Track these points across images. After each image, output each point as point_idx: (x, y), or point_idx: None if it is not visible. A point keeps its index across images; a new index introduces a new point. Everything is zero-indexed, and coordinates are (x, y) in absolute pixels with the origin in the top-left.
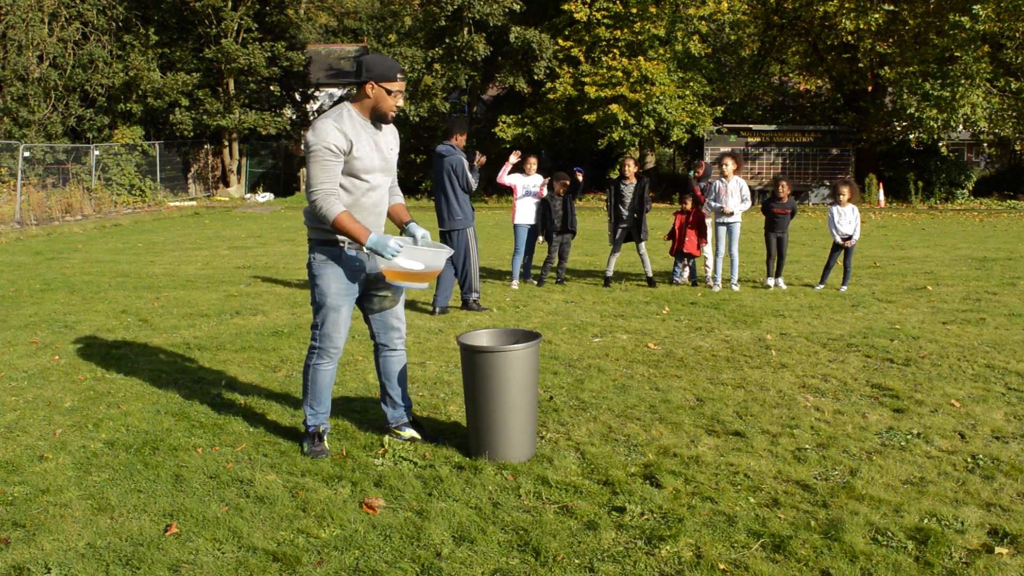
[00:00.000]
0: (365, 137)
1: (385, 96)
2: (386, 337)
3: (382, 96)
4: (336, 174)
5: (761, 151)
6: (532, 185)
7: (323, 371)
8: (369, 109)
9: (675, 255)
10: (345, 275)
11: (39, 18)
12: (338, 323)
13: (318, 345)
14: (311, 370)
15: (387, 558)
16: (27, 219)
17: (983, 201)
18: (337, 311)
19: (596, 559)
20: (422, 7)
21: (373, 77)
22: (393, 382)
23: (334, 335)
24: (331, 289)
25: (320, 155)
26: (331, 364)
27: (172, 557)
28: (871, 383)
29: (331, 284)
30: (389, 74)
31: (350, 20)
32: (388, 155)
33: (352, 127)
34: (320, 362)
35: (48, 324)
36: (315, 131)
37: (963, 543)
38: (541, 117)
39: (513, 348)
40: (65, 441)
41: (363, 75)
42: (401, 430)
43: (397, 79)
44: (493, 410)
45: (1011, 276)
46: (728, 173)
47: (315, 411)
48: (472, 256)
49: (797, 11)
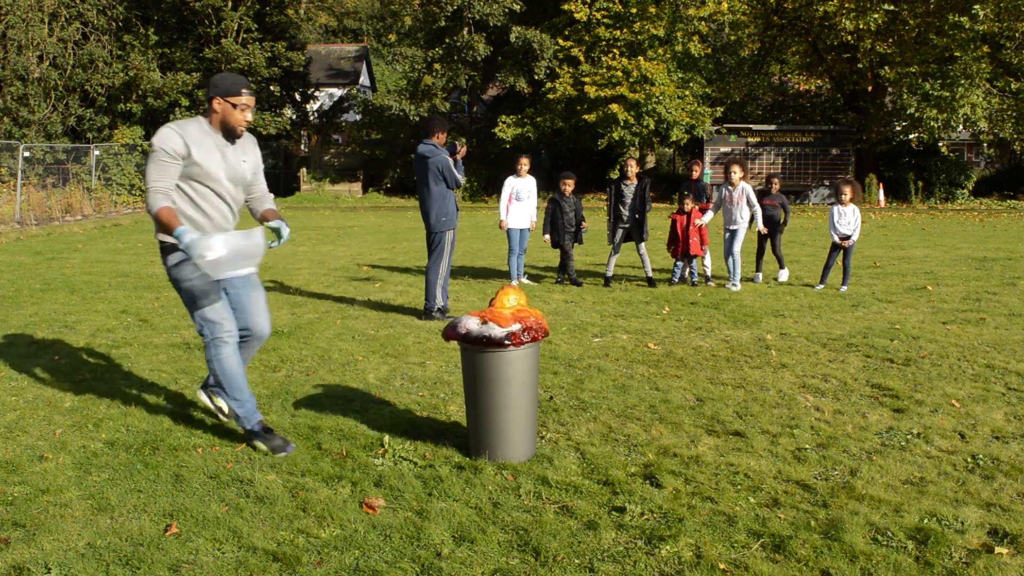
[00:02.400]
0: (210, 145)
1: (231, 110)
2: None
3: (228, 111)
4: (170, 175)
5: (761, 151)
6: (526, 190)
7: (226, 359)
8: (219, 123)
9: (678, 256)
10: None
11: (39, 18)
12: (218, 309)
13: (211, 335)
14: (216, 364)
15: (387, 558)
16: (27, 219)
17: (983, 201)
18: (207, 296)
19: (596, 559)
20: (422, 7)
21: (219, 93)
22: None
23: (221, 321)
24: (195, 282)
25: (157, 156)
26: (230, 349)
27: (172, 557)
28: (871, 383)
29: (195, 280)
30: (233, 89)
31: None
32: (239, 167)
33: (196, 134)
34: (219, 352)
35: (48, 324)
36: (157, 135)
37: (963, 543)
38: (541, 117)
39: (513, 348)
40: (65, 441)
41: (210, 91)
42: (216, 395)
43: (242, 94)
44: (493, 410)
45: (1011, 276)
46: (735, 181)
47: (240, 402)
48: (445, 261)
49: (797, 11)
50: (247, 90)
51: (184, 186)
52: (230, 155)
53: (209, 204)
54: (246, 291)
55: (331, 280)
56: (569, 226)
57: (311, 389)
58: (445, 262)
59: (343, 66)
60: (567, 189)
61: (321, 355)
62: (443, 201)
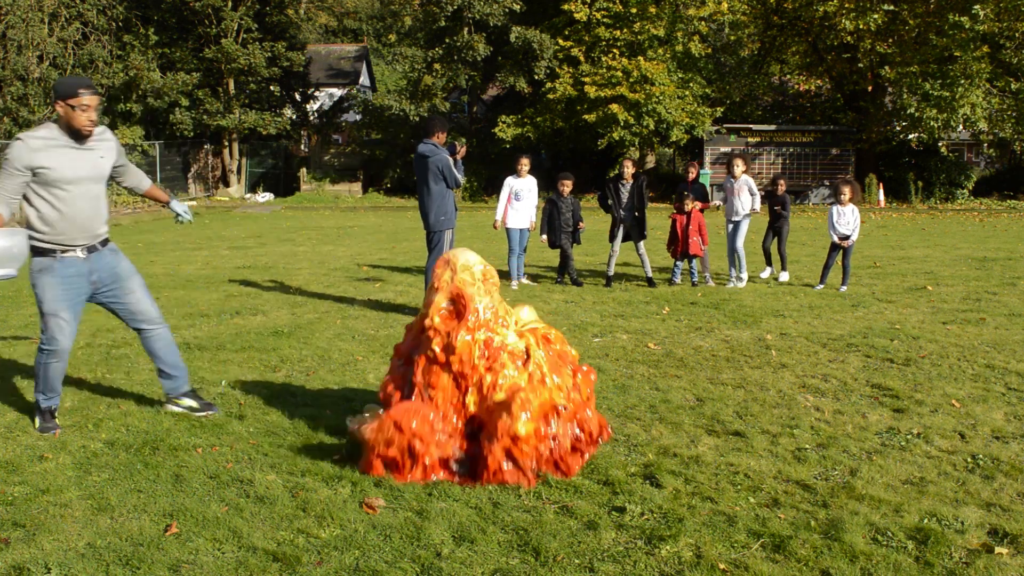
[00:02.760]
0: (61, 151)
1: (72, 112)
2: (136, 324)
3: (70, 113)
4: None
5: (761, 151)
6: (526, 190)
7: (53, 366)
8: (65, 127)
9: (678, 256)
10: (60, 283)
11: (39, 18)
12: (61, 326)
13: (46, 347)
14: (42, 367)
15: (387, 558)
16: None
17: (983, 201)
18: (56, 316)
19: (596, 559)
20: (422, 7)
21: (58, 96)
22: (160, 357)
23: (59, 337)
24: (47, 296)
25: (5, 169)
26: (59, 360)
27: (172, 557)
28: (871, 383)
29: (47, 291)
30: (70, 91)
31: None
32: (97, 162)
33: (45, 145)
34: (49, 360)
35: None
36: (9, 147)
37: (963, 543)
38: (541, 117)
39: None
40: (65, 441)
41: (53, 96)
42: (179, 399)
43: (79, 94)
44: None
45: (1011, 276)
46: (737, 173)
47: (48, 396)
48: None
49: (797, 11)
50: (86, 90)
51: (43, 192)
52: (86, 154)
53: (70, 207)
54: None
55: (331, 280)
56: (567, 226)
57: (311, 389)
58: (446, 243)
59: (343, 66)
60: (565, 190)
61: (321, 355)
62: (442, 201)
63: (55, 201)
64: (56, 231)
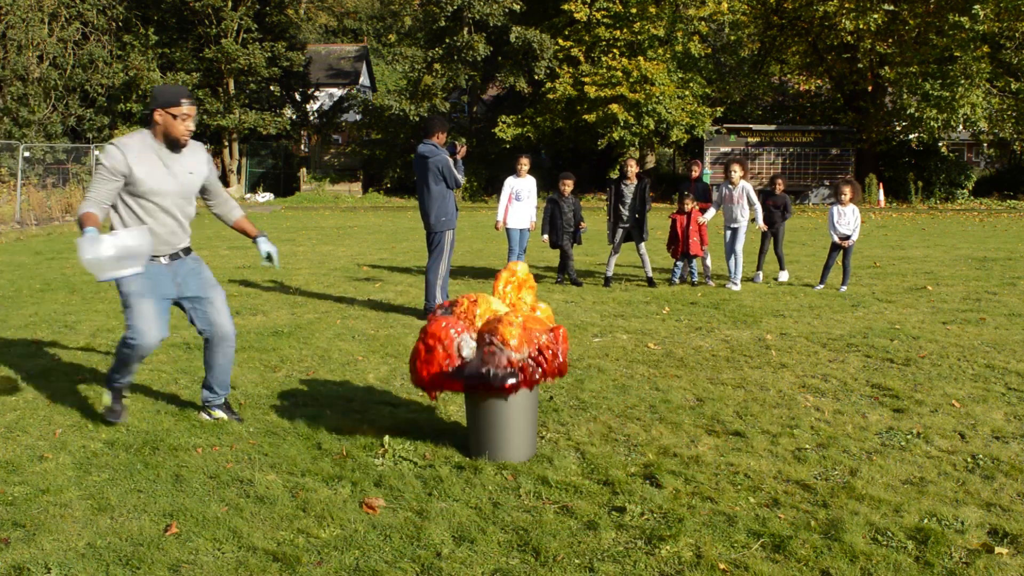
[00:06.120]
0: (153, 161)
1: (172, 122)
2: (209, 334)
3: (169, 122)
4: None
5: (761, 151)
6: (526, 190)
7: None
8: (161, 135)
9: (678, 256)
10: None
11: (39, 18)
12: (146, 318)
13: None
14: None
15: (387, 558)
16: (27, 219)
17: (983, 201)
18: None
19: (596, 559)
20: (422, 7)
21: (159, 105)
22: (216, 372)
23: (144, 329)
24: (132, 288)
25: (99, 172)
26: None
27: (172, 557)
28: (871, 383)
29: (131, 284)
30: (173, 100)
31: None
32: (185, 179)
33: (138, 153)
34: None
35: (48, 324)
36: (104, 152)
37: (963, 543)
38: (541, 117)
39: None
40: (65, 441)
41: (151, 104)
42: (213, 410)
43: (182, 104)
44: (493, 410)
45: (1011, 276)
46: (735, 180)
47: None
48: (445, 261)
49: (797, 11)
50: (187, 99)
51: (130, 202)
52: (176, 168)
53: (154, 219)
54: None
55: (331, 280)
56: (568, 226)
57: (311, 389)
58: (445, 262)
59: (343, 66)
60: (566, 189)
61: (321, 355)
62: (443, 201)
63: (140, 212)
64: None
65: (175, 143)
